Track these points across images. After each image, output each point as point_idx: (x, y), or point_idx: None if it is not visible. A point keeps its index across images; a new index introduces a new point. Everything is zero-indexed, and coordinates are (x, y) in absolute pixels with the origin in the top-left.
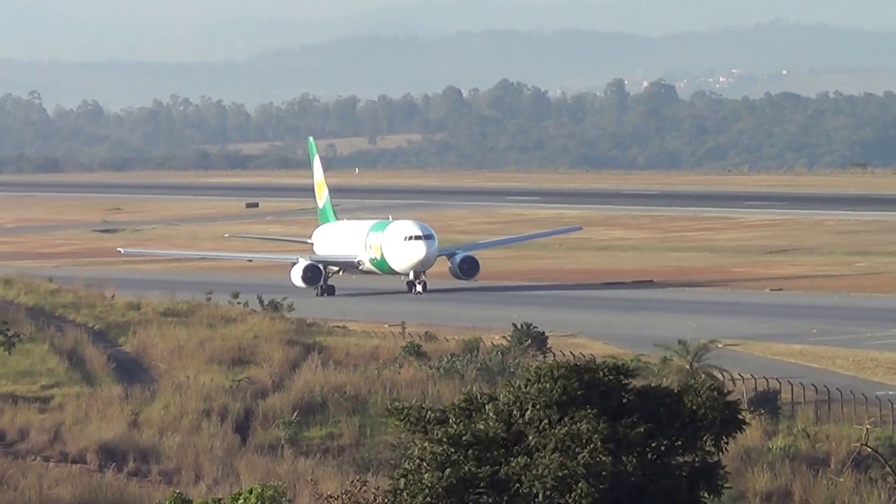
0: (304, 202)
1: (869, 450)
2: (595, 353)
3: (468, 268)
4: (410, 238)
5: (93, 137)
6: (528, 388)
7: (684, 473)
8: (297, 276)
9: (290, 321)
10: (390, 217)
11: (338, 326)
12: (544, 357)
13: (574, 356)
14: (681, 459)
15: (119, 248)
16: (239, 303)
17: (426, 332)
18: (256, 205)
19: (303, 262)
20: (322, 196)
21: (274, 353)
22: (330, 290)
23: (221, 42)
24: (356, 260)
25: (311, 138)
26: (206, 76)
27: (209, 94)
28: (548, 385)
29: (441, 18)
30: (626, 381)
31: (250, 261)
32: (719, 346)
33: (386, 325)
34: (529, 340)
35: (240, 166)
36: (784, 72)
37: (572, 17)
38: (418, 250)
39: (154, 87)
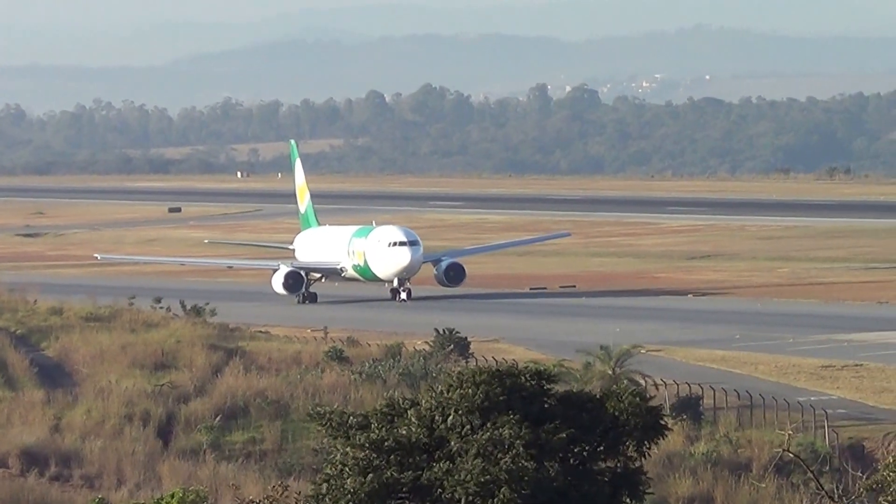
0: (226, 207)
1: (791, 455)
2: (517, 359)
3: (454, 275)
4: (395, 244)
5: (15, 141)
6: (451, 393)
7: (606, 479)
8: (278, 284)
9: (212, 326)
10: (374, 222)
11: (260, 331)
12: (466, 362)
13: (496, 361)
14: (603, 465)
15: (96, 255)
16: (161, 307)
17: (348, 337)
18: (179, 209)
19: (284, 269)
20: (304, 201)
21: (196, 358)
22: (312, 298)
23: (144, 46)
24: (339, 267)
25: (292, 141)
26: (129, 80)
27: (132, 99)
28: (470, 390)
29: (364, 22)
30: (549, 387)
31: (230, 267)
32: (642, 351)
33: (308, 330)
34: (452, 346)
35: (162, 171)
36: (707, 77)
37: (495, 21)
38: (403, 257)
39: (77, 91)
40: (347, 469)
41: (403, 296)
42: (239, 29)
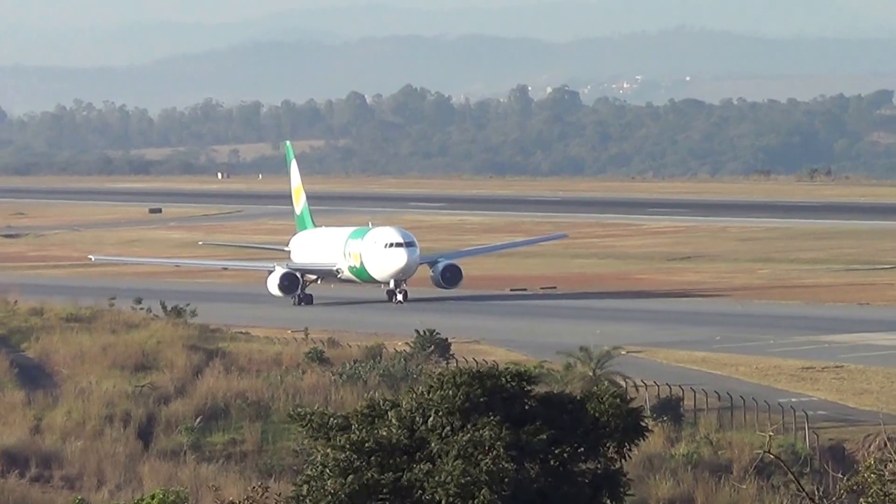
0: (207, 208)
1: (772, 457)
2: (498, 360)
3: (451, 276)
4: (391, 245)
5: None
6: (431, 394)
7: (587, 480)
8: (273, 285)
9: (192, 327)
10: (370, 223)
11: (241, 332)
12: (447, 363)
13: (477, 363)
14: (583, 466)
15: (90, 256)
16: (142, 308)
17: (329, 338)
18: (160, 210)
19: (280, 271)
20: (299, 202)
21: (177, 359)
22: (308, 300)
23: (124, 47)
24: (335, 268)
25: (288, 142)
26: (109, 81)
27: (112, 99)
28: (450, 392)
29: (345, 24)
30: (529, 388)
31: (225, 269)
32: (622, 352)
33: (289, 331)
34: (432, 347)
35: (143, 171)
36: (688, 78)
37: (476, 22)
38: (399, 258)
39: (58, 92)
40: (328, 470)
41: (400, 297)
42: (220, 29)
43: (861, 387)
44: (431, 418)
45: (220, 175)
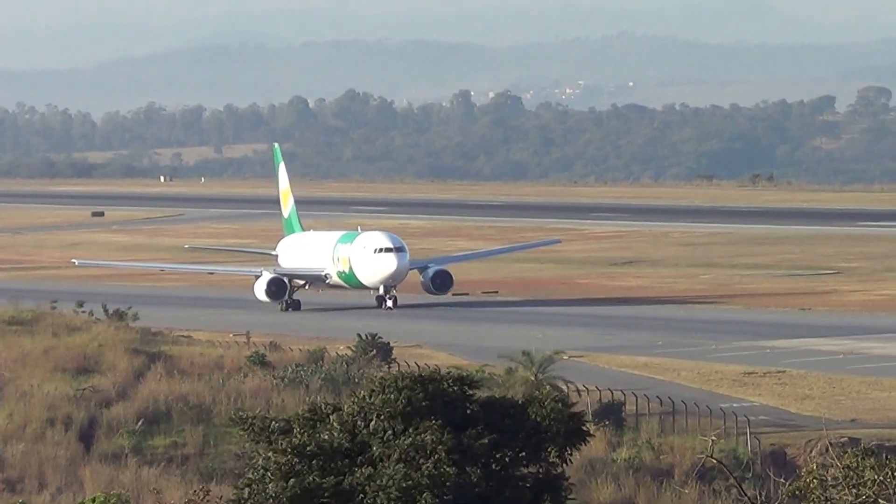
0: (149, 211)
1: (713, 462)
2: (440, 364)
3: (441, 282)
4: (380, 250)
5: None
6: (373, 398)
7: (528, 484)
8: (260, 291)
9: (134, 330)
10: (359, 228)
11: (183, 336)
12: (389, 368)
13: (419, 367)
14: (525, 470)
15: (73, 260)
16: (84, 311)
17: (271, 342)
18: (102, 213)
19: (267, 276)
20: (287, 206)
21: (118, 362)
22: (296, 305)
23: (67, 49)
24: (323, 273)
25: (276, 145)
26: (52, 84)
27: (55, 102)
28: (392, 396)
29: (287, 28)
30: (471, 392)
31: (212, 273)
32: (564, 357)
33: (231, 335)
34: (374, 351)
35: (85, 175)
36: (631, 83)
37: (419, 27)
38: (389, 263)
39: None
40: (269, 474)
41: (389, 303)
42: (162, 33)
43: (803, 392)
44: (373, 422)
45: (162, 178)
